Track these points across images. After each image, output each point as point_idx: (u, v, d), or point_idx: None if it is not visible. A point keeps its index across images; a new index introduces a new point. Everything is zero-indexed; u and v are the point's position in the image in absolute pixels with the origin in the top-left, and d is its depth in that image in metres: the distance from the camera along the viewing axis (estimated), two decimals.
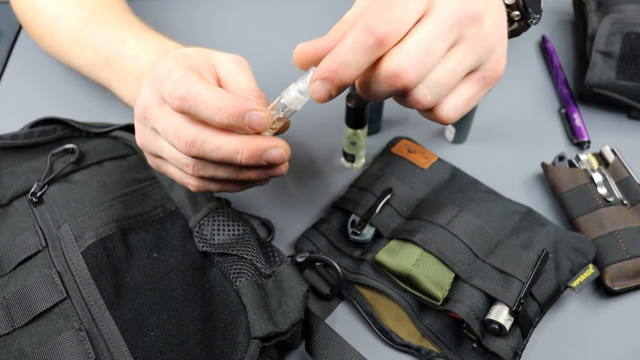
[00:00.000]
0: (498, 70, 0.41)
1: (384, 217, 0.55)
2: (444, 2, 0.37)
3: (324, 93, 0.38)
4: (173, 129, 0.41)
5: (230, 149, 0.41)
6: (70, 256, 0.47)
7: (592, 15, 0.68)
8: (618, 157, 0.59)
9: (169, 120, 0.42)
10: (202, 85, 0.40)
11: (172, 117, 0.42)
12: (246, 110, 0.40)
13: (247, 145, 0.41)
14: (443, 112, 0.40)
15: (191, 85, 0.40)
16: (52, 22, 0.62)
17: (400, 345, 0.51)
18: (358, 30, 0.36)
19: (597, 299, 0.54)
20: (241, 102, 0.40)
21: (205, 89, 0.40)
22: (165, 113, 0.42)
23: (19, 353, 0.43)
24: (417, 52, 0.36)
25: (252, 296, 0.45)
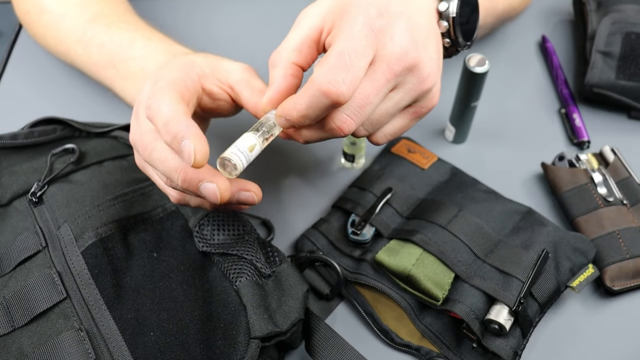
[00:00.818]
0: (431, 106, 0.45)
1: (384, 217, 0.55)
2: (385, 55, 0.40)
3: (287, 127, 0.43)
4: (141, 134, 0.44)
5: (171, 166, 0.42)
6: (70, 256, 0.47)
7: (592, 15, 0.68)
8: (618, 157, 0.59)
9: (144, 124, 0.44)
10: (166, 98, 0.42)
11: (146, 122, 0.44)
12: (182, 136, 0.40)
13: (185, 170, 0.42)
14: (374, 137, 0.45)
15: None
16: (56, 21, 0.62)
17: (400, 345, 0.51)
18: (314, 89, 0.39)
19: (597, 299, 0.54)
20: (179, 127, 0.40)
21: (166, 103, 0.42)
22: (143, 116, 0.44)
23: (18, 353, 0.43)
24: (359, 107, 0.41)
25: (252, 296, 0.45)
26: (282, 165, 0.63)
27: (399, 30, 0.41)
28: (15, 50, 0.74)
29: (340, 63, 0.39)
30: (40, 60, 0.72)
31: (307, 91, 0.39)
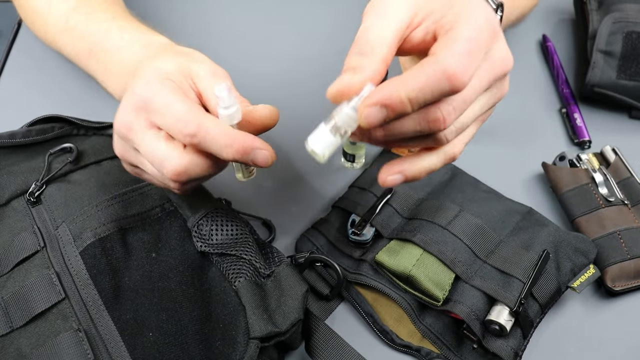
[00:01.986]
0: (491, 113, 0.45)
1: (384, 217, 0.55)
2: (493, 56, 0.39)
3: (378, 120, 0.37)
4: (159, 159, 0.42)
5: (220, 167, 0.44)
6: (68, 256, 0.47)
7: (593, 15, 0.67)
8: (619, 156, 0.59)
9: (154, 148, 0.42)
10: (210, 121, 0.41)
11: (158, 145, 0.42)
12: (252, 148, 0.41)
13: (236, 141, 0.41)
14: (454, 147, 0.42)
15: (200, 122, 0.41)
16: (44, 8, 0.62)
17: (401, 345, 0.50)
18: (439, 71, 0.35)
19: (598, 299, 0.53)
20: (248, 141, 0.41)
21: (214, 125, 0.41)
22: (152, 139, 0.42)
23: (17, 354, 0.43)
24: (463, 101, 0.38)
25: (251, 296, 0.45)
26: (282, 165, 0.63)
27: (502, 34, 0.40)
28: (14, 50, 0.74)
29: (469, 50, 0.36)
30: (38, 59, 0.72)
31: (425, 72, 0.35)
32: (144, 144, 0.42)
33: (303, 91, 0.70)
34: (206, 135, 0.41)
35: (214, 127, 0.41)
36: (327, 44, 0.75)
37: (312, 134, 0.39)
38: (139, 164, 0.45)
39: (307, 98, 0.70)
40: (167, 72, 0.44)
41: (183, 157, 0.42)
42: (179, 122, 0.41)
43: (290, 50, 0.75)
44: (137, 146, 0.43)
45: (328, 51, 0.74)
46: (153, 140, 0.42)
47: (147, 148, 0.42)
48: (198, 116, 0.41)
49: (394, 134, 0.39)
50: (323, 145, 0.38)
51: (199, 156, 0.42)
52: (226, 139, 0.41)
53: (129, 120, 0.43)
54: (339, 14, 0.78)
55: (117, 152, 0.46)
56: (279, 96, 0.70)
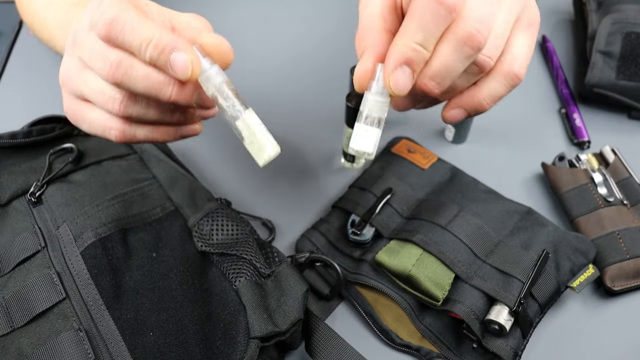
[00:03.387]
0: (537, 16, 0.41)
1: (384, 217, 0.55)
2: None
3: (408, 80, 0.36)
4: (99, 51, 0.39)
5: (160, 78, 0.39)
6: (69, 256, 0.47)
7: (593, 15, 0.68)
8: (618, 157, 0.59)
9: (96, 43, 0.39)
10: (133, 13, 0.38)
11: (98, 43, 0.39)
12: (171, 48, 0.37)
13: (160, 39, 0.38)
14: (513, 67, 0.40)
15: (121, 12, 0.38)
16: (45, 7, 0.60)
17: (400, 345, 0.50)
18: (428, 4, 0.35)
19: (597, 299, 0.54)
20: (168, 39, 0.37)
21: (136, 17, 0.38)
22: (93, 38, 0.39)
23: (18, 353, 0.43)
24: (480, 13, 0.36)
25: (251, 296, 0.45)
26: (282, 166, 0.63)
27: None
28: (15, 50, 0.74)
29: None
30: (39, 60, 0.72)
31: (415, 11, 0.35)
32: (85, 43, 0.40)
33: (303, 91, 0.70)
34: (124, 26, 0.38)
35: (134, 18, 0.38)
36: (327, 43, 0.75)
37: (352, 137, 0.38)
38: (80, 83, 0.42)
39: (307, 98, 0.70)
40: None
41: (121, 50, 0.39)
42: (100, 13, 0.38)
43: (290, 50, 0.75)
44: (80, 51, 0.40)
45: (328, 51, 0.74)
46: (95, 38, 0.40)
47: (89, 46, 0.40)
48: (120, 8, 0.38)
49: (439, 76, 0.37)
50: (367, 141, 0.38)
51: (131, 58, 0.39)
52: (146, 31, 0.37)
53: (79, 28, 0.41)
54: (337, 11, 0.78)
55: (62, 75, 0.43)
56: (279, 96, 0.70)
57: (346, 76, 0.62)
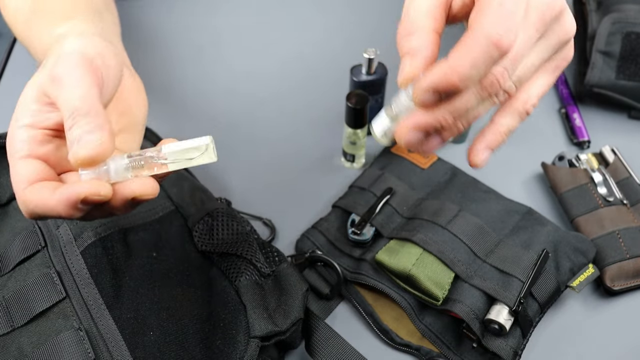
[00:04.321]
0: (570, 57, 0.42)
1: (384, 217, 0.55)
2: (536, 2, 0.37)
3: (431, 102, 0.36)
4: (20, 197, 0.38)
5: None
6: (69, 256, 0.47)
7: (592, 15, 0.67)
8: (618, 157, 0.59)
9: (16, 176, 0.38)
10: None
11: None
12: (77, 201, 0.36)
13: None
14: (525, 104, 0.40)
15: None
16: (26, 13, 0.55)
17: (400, 345, 0.50)
18: (483, 43, 0.34)
19: (597, 298, 0.54)
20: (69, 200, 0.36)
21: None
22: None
23: (18, 353, 0.43)
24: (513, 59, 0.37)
25: (251, 295, 0.45)
26: (282, 165, 0.63)
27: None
28: (15, 50, 0.74)
29: (506, 12, 0.35)
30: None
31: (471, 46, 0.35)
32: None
33: (303, 91, 0.70)
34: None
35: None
36: (328, 43, 0.75)
37: (375, 118, 0.39)
38: None
39: (307, 98, 0.70)
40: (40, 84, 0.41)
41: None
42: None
43: (290, 50, 0.75)
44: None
45: (329, 51, 0.74)
46: None
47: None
48: None
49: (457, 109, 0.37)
50: (381, 128, 0.39)
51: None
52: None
53: None
54: (337, 11, 0.78)
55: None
56: (279, 96, 0.70)
57: (346, 76, 0.62)
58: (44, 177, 0.38)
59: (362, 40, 0.73)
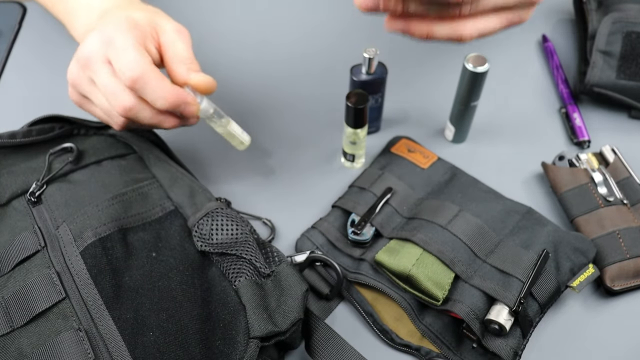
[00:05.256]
0: (525, 19, 0.46)
1: (384, 217, 0.55)
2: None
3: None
4: (112, 91, 0.48)
5: (161, 117, 0.51)
6: (69, 256, 0.47)
7: (593, 15, 0.67)
8: (618, 156, 0.59)
9: (110, 81, 0.48)
10: (154, 74, 0.48)
11: (114, 80, 0.48)
12: (184, 102, 0.49)
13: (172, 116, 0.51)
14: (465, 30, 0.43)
15: (145, 71, 0.47)
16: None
17: (400, 345, 0.50)
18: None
19: (597, 298, 0.54)
20: (181, 96, 0.49)
21: (155, 78, 0.48)
22: (108, 73, 0.48)
23: (17, 353, 0.43)
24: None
25: (251, 296, 0.45)
26: (282, 165, 0.63)
27: None
28: (15, 50, 0.74)
29: None
30: (39, 59, 0.72)
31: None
32: (100, 75, 0.48)
33: (303, 91, 0.70)
34: (145, 85, 0.47)
35: (154, 79, 0.48)
36: (328, 43, 0.75)
37: None
38: (89, 93, 0.51)
39: (307, 98, 0.70)
40: (137, 20, 0.50)
41: (132, 97, 0.48)
42: (127, 65, 0.47)
43: (290, 50, 0.75)
44: (93, 76, 0.49)
45: (328, 51, 0.74)
46: (110, 74, 0.48)
47: (103, 80, 0.48)
48: (145, 66, 0.47)
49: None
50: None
51: (142, 102, 0.49)
52: (162, 91, 0.48)
53: (92, 50, 0.49)
54: (337, 11, 0.78)
55: (71, 77, 0.51)
56: (279, 96, 0.70)
57: (346, 76, 0.62)
58: None
59: (362, 40, 0.73)
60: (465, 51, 0.59)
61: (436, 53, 0.74)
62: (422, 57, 0.74)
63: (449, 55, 0.72)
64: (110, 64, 0.48)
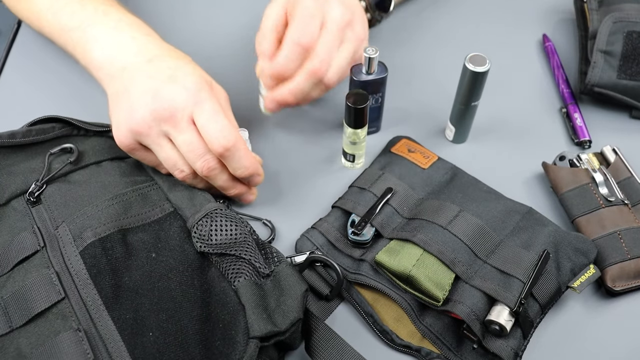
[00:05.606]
0: (360, 57, 0.59)
1: (384, 217, 0.55)
2: (331, 15, 0.56)
3: (273, 85, 0.58)
4: (199, 152, 0.50)
5: (232, 183, 0.54)
6: (68, 256, 0.47)
7: (594, 14, 0.67)
8: (619, 156, 0.59)
9: (197, 141, 0.50)
10: (243, 144, 0.51)
11: (199, 142, 0.50)
12: (257, 174, 0.54)
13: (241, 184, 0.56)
14: (331, 80, 0.57)
15: (237, 141, 0.50)
16: None
17: (401, 346, 0.50)
18: (290, 43, 0.55)
19: (598, 299, 0.53)
20: (258, 168, 0.54)
21: (244, 149, 0.51)
22: (194, 134, 0.50)
23: (17, 353, 0.43)
24: (326, 53, 0.55)
25: (250, 296, 0.45)
26: (282, 166, 0.63)
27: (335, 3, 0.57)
28: (14, 49, 0.74)
29: (303, 23, 0.55)
30: (39, 59, 0.72)
31: (283, 47, 0.55)
32: (184, 134, 0.49)
33: None
34: (234, 154, 0.50)
35: (243, 149, 0.51)
36: None
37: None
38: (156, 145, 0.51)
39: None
40: (209, 80, 0.53)
41: (217, 161, 0.51)
42: (221, 132, 0.49)
43: None
44: (174, 132, 0.49)
45: None
46: (195, 134, 0.50)
47: (188, 139, 0.49)
48: (236, 136, 0.50)
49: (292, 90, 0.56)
50: (261, 103, 0.63)
51: (223, 166, 0.52)
52: (247, 162, 0.52)
53: (180, 108, 0.49)
54: None
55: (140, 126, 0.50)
56: None
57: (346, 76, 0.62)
58: None
59: None
60: (465, 51, 0.59)
61: (436, 53, 0.74)
62: (423, 56, 0.73)
63: (449, 55, 0.72)
64: (194, 124, 0.50)
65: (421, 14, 0.78)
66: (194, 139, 0.50)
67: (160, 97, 0.49)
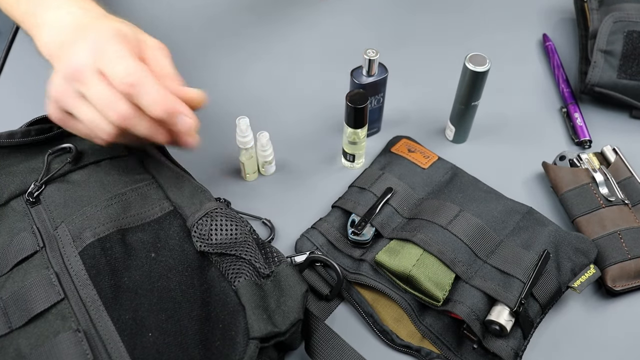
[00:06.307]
0: None
1: (384, 217, 0.55)
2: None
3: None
4: (108, 100, 0.47)
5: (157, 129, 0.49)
6: (67, 256, 0.47)
7: (594, 14, 0.67)
8: (619, 156, 0.59)
9: (105, 90, 0.47)
10: (151, 79, 0.47)
11: (109, 89, 0.47)
12: (178, 112, 0.47)
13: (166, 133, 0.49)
14: None
15: (142, 76, 0.47)
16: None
17: (401, 346, 0.50)
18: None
19: (598, 299, 0.53)
20: (176, 104, 0.47)
21: (153, 83, 0.47)
22: (103, 83, 0.47)
23: (16, 354, 0.43)
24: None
25: (250, 296, 0.45)
26: (283, 165, 0.63)
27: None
28: (14, 49, 0.74)
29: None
30: (38, 58, 0.72)
31: None
32: (93, 86, 0.47)
33: (303, 91, 0.70)
34: (142, 89, 0.46)
35: (152, 84, 0.47)
36: (328, 44, 0.75)
37: None
38: (74, 109, 0.49)
39: (307, 98, 0.70)
40: (124, 32, 0.49)
41: (130, 104, 0.47)
42: (124, 70, 0.46)
43: (290, 51, 0.74)
44: (84, 88, 0.47)
45: (329, 52, 0.74)
46: (104, 85, 0.47)
47: (97, 91, 0.47)
48: (142, 71, 0.47)
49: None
50: None
51: (139, 111, 0.47)
52: (158, 96, 0.47)
53: (82, 62, 0.47)
54: (337, 13, 0.78)
55: (56, 92, 0.50)
56: (279, 97, 0.70)
57: (346, 76, 0.62)
58: None
59: (362, 41, 0.73)
60: (465, 51, 0.59)
61: (437, 53, 0.74)
62: (423, 56, 0.73)
63: (449, 55, 0.72)
64: (102, 75, 0.47)
65: (421, 14, 0.78)
66: (103, 90, 0.47)
67: (67, 59, 0.49)
